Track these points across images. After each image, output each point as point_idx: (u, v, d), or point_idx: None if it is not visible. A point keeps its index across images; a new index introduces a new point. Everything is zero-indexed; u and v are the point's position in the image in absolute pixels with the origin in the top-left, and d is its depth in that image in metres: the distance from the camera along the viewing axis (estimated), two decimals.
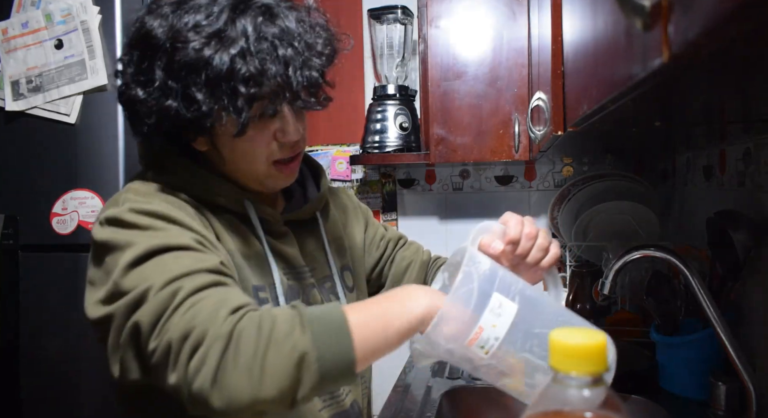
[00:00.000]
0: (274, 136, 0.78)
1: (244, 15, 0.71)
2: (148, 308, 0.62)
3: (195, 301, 0.62)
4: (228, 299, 0.63)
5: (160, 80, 0.72)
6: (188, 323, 0.60)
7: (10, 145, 1.58)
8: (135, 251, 0.66)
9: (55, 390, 1.53)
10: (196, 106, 0.71)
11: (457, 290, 0.63)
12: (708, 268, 1.21)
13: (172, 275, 0.64)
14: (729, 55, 0.38)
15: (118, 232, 0.70)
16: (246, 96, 0.70)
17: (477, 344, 0.62)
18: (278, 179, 0.83)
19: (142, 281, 0.65)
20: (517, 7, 1.69)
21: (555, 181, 2.01)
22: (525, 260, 0.78)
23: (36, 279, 1.55)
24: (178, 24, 0.71)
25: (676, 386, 1.20)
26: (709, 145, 1.31)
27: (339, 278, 0.93)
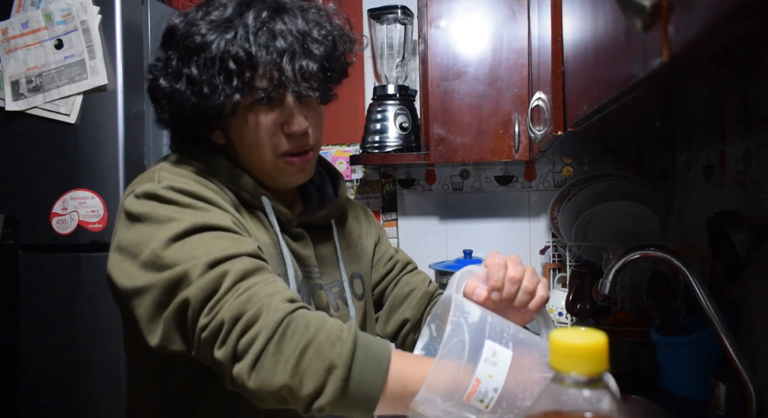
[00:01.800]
0: (280, 128, 0.81)
1: (251, 8, 0.76)
2: (198, 287, 0.66)
3: (248, 285, 0.66)
4: (280, 288, 0.67)
5: (174, 67, 0.78)
6: (243, 305, 0.64)
7: (10, 145, 1.58)
8: (178, 226, 0.69)
9: (55, 390, 1.53)
10: (197, 87, 0.76)
11: (447, 343, 0.60)
12: (708, 268, 1.21)
13: (215, 257, 0.67)
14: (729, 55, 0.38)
15: (157, 206, 0.72)
16: (238, 76, 0.74)
17: (476, 397, 0.59)
18: (289, 174, 0.85)
19: (184, 256, 0.67)
20: (517, 7, 1.69)
21: (555, 181, 2.01)
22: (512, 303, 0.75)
23: (36, 279, 1.55)
24: (195, 18, 0.78)
25: (676, 386, 1.20)
26: (709, 145, 1.31)
27: (348, 285, 0.94)
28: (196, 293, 0.66)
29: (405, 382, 0.62)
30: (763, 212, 1.06)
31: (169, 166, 0.81)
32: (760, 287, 1.07)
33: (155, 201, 0.73)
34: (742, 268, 1.09)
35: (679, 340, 1.19)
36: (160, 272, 0.68)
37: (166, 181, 0.75)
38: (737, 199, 1.19)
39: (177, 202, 0.73)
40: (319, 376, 0.61)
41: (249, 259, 0.69)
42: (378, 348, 0.64)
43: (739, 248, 1.08)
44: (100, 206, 1.50)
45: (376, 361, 0.62)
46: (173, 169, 0.80)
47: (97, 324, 1.49)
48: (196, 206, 0.73)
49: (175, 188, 0.74)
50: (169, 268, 0.68)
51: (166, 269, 0.68)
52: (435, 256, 2.03)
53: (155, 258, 0.69)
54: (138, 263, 0.70)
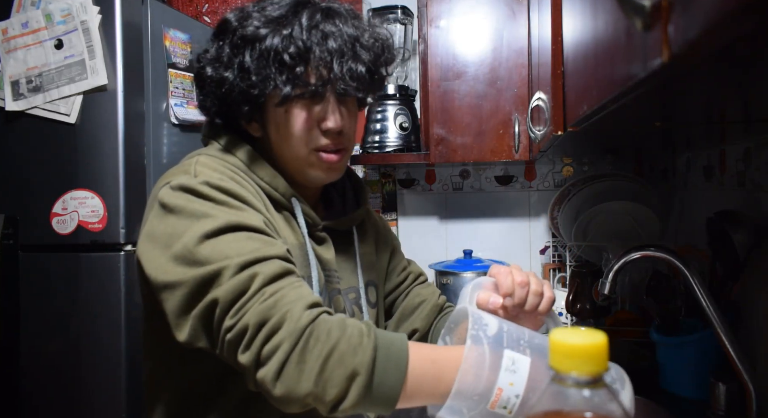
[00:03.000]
0: (317, 123, 0.84)
1: (305, 9, 0.81)
2: (228, 288, 0.67)
3: (274, 290, 0.67)
4: (304, 294, 0.68)
5: (225, 56, 0.82)
6: (267, 311, 0.65)
7: (10, 145, 1.58)
8: (212, 223, 0.71)
9: (55, 390, 1.53)
10: (248, 76, 0.80)
11: (469, 356, 0.63)
12: (708, 268, 1.21)
13: (247, 258, 0.68)
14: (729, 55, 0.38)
15: (193, 200, 0.74)
16: (290, 69, 0.78)
17: (499, 405, 0.62)
18: (320, 170, 0.87)
19: (217, 255, 0.69)
20: (517, 7, 1.69)
21: (555, 181, 2.01)
22: (523, 308, 0.79)
23: (36, 279, 1.55)
24: (249, 12, 0.83)
25: (676, 386, 1.20)
26: (709, 145, 1.31)
27: (364, 292, 0.96)
28: (225, 294, 0.67)
29: (421, 381, 0.65)
30: (763, 212, 1.06)
31: (206, 159, 0.82)
32: (760, 287, 1.07)
33: (191, 195, 0.74)
34: (742, 268, 1.09)
35: (679, 340, 1.19)
36: (193, 268, 0.69)
37: (202, 176, 0.77)
38: (737, 200, 1.19)
39: (212, 198, 0.74)
40: (342, 383, 0.62)
41: (278, 262, 0.70)
42: (397, 349, 0.65)
43: (739, 248, 1.08)
44: (100, 206, 1.50)
45: (396, 363, 0.64)
46: (209, 163, 0.81)
47: (97, 324, 1.49)
48: (230, 204, 0.74)
49: (211, 184, 0.75)
50: (201, 265, 0.69)
51: (198, 266, 0.69)
52: (435, 256, 2.03)
53: (188, 253, 0.70)
54: (169, 255, 0.71)
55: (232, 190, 0.76)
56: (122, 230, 1.48)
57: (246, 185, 0.81)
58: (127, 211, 1.49)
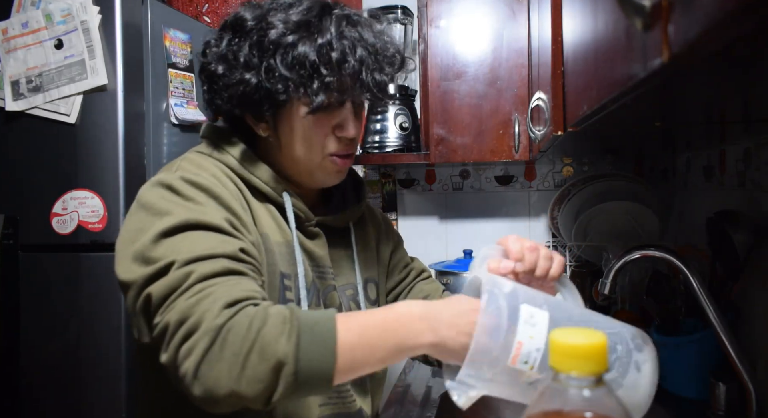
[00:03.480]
0: (332, 130, 0.85)
1: (329, 16, 0.82)
2: (162, 284, 0.67)
3: (202, 287, 0.65)
4: (232, 291, 0.65)
5: (245, 57, 0.81)
6: (188, 310, 0.63)
7: (10, 145, 1.58)
8: (171, 221, 0.71)
9: (55, 390, 1.53)
10: (276, 80, 0.79)
11: (486, 311, 0.61)
12: (708, 268, 1.21)
13: (191, 255, 0.68)
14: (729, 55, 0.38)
15: (162, 197, 0.75)
16: (324, 79, 0.79)
17: (520, 360, 0.60)
18: (330, 173, 0.89)
19: (168, 253, 0.69)
20: (517, 7, 1.69)
21: (555, 181, 2.01)
22: (534, 274, 0.76)
23: (36, 279, 1.55)
24: (269, 13, 0.82)
25: (676, 386, 1.20)
26: (709, 145, 1.31)
27: (362, 289, 0.95)
28: (157, 290, 0.66)
29: (356, 352, 0.63)
30: (763, 212, 1.06)
31: (194, 156, 0.84)
32: (760, 286, 1.07)
33: (163, 189, 0.75)
34: (742, 268, 1.09)
35: (679, 340, 1.19)
36: (145, 267, 0.69)
37: (180, 171, 0.78)
38: (737, 199, 1.19)
39: (181, 193, 0.74)
40: (267, 376, 0.60)
41: (222, 260, 0.68)
42: (323, 328, 0.63)
43: (739, 248, 1.08)
44: (100, 206, 1.50)
45: (323, 343, 0.62)
46: (195, 159, 0.83)
47: (97, 324, 1.49)
48: (196, 200, 0.74)
49: (185, 178, 0.76)
50: (153, 263, 0.68)
51: (149, 264, 0.69)
52: (435, 256, 2.03)
53: (144, 251, 0.70)
54: (130, 253, 0.71)
55: (202, 184, 0.76)
56: None
57: (226, 182, 0.81)
58: (127, 211, 1.49)
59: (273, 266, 0.81)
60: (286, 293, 0.82)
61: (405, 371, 1.45)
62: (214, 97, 0.86)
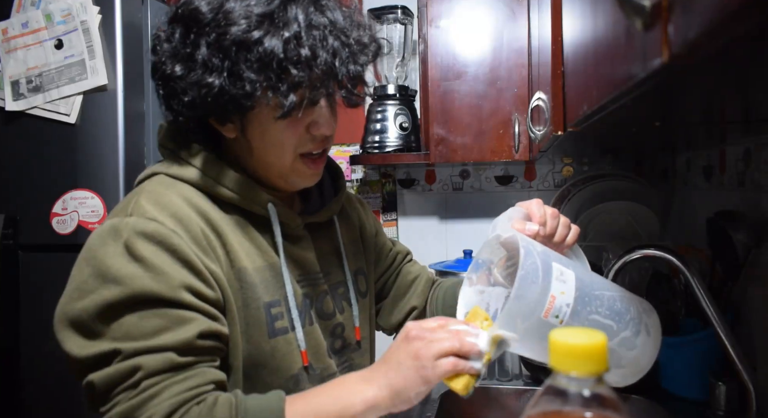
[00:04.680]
0: (306, 128, 0.78)
1: (295, 3, 0.72)
2: (105, 375, 0.65)
3: (147, 385, 0.64)
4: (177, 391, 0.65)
5: (203, 57, 0.71)
6: (132, 411, 0.63)
7: (10, 145, 1.58)
8: (116, 293, 0.66)
9: (55, 390, 1.53)
10: (242, 83, 0.70)
11: (524, 265, 0.63)
12: (708, 268, 1.21)
13: (137, 346, 0.65)
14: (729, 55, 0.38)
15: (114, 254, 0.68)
16: (295, 78, 0.70)
17: (552, 313, 0.63)
18: (303, 176, 0.82)
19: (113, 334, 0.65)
20: (517, 7, 1.69)
21: (555, 181, 2.01)
22: (552, 239, 0.79)
23: (36, 279, 1.55)
24: (227, 4, 0.71)
25: (676, 386, 1.20)
26: (709, 145, 1.31)
27: (352, 283, 0.93)
28: (101, 381, 0.65)
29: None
30: (763, 212, 1.06)
31: (153, 185, 0.76)
32: (760, 287, 1.07)
33: (114, 244, 0.68)
34: (742, 268, 1.09)
35: (679, 340, 1.19)
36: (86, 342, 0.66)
37: (135, 216, 0.70)
38: (737, 200, 1.19)
39: (133, 252, 0.67)
40: None
41: (171, 355, 0.66)
42: None
43: (739, 248, 1.08)
44: (100, 206, 1.50)
45: None
46: (154, 191, 0.74)
47: None
48: (150, 263, 0.67)
49: (140, 231, 0.68)
50: (96, 340, 0.66)
51: (92, 340, 0.66)
52: (435, 256, 2.02)
53: (86, 321, 0.66)
54: (70, 317, 0.68)
55: (159, 237, 0.68)
56: None
57: (190, 218, 0.72)
58: None
59: (255, 300, 0.77)
60: (276, 323, 0.79)
61: None
62: (171, 102, 0.76)
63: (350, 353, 0.92)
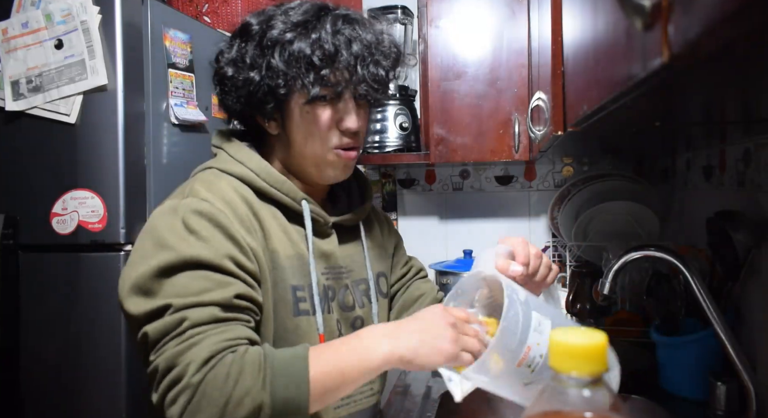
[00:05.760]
0: (336, 124, 0.88)
1: (327, 16, 0.86)
2: (157, 327, 0.73)
3: (192, 334, 0.71)
4: (216, 340, 0.71)
5: (249, 58, 0.86)
6: (175, 358, 0.70)
7: (10, 145, 1.58)
8: (170, 257, 0.75)
9: (55, 390, 1.53)
10: (275, 75, 0.83)
11: (506, 316, 0.66)
12: (708, 268, 1.21)
13: (185, 301, 0.73)
14: (729, 55, 0.38)
15: (170, 226, 0.78)
16: (318, 70, 0.82)
17: (525, 363, 0.66)
18: (337, 167, 0.91)
19: (165, 293, 0.74)
20: (517, 7, 1.69)
21: (555, 181, 2.01)
22: (533, 278, 0.84)
23: (36, 279, 1.55)
24: (273, 17, 0.87)
25: (676, 386, 1.20)
26: (709, 145, 1.31)
27: (374, 283, 1.00)
28: (153, 331, 0.73)
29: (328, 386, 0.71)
30: (763, 212, 1.06)
31: (207, 175, 0.87)
32: (760, 287, 1.07)
33: (171, 218, 0.79)
34: (742, 268, 1.09)
35: (679, 340, 1.19)
36: (144, 301, 0.74)
37: (190, 198, 0.81)
38: (737, 199, 1.19)
39: (187, 225, 0.78)
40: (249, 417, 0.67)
41: (211, 309, 0.73)
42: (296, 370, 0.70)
43: (739, 248, 1.08)
44: (100, 206, 1.50)
45: (297, 385, 0.69)
46: (208, 179, 0.86)
47: (96, 324, 1.49)
48: (200, 234, 0.77)
49: (193, 208, 0.79)
50: (152, 298, 0.74)
51: (149, 299, 0.74)
52: (435, 256, 2.02)
53: (144, 283, 0.75)
54: (132, 281, 0.76)
55: (209, 214, 0.79)
56: (122, 230, 1.48)
57: (237, 204, 0.83)
58: (127, 211, 1.49)
59: (283, 281, 0.86)
60: (300, 304, 0.87)
61: (405, 371, 1.45)
62: (225, 98, 0.91)
63: None
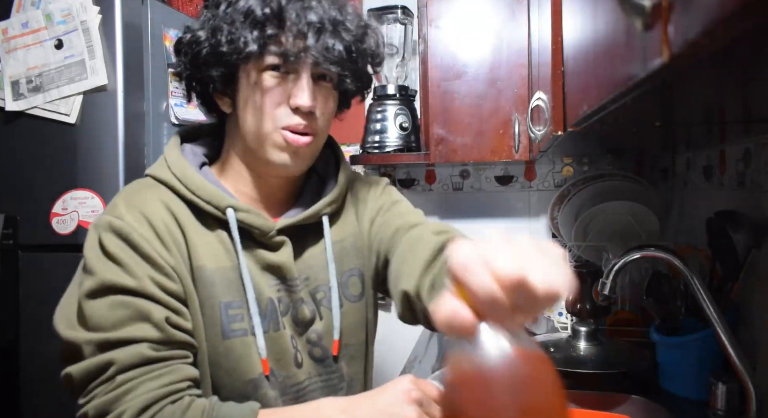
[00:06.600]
0: (287, 100, 0.80)
1: None
2: (82, 369, 0.71)
3: (123, 381, 0.69)
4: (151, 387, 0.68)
5: (203, 20, 0.81)
6: (107, 406, 0.68)
7: (10, 145, 1.58)
8: (92, 283, 0.73)
9: (55, 390, 1.53)
10: (219, 32, 0.78)
11: None
12: (708, 268, 1.21)
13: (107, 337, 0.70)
14: (729, 55, 0.38)
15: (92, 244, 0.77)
16: (262, 28, 0.76)
17: None
18: (285, 152, 0.82)
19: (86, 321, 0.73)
20: (517, 7, 1.69)
21: (555, 181, 2.01)
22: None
23: (36, 279, 1.55)
24: None
25: (676, 386, 1.20)
26: (709, 145, 1.31)
27: (337, 289, 0.89)
28: (78, 374, 0.71)
29: None
30: (763, 212, 1.06)
31: (137, 185, 0.84)
32: (760, 286, 1.07)
33: (92, 236, 0.77)
34: (742, 268, 1.09)
35: (679, 340, 1.19)
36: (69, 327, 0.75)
37: (106, 216, 0.77)
38: (737, 200, 1.19)
39: (104, 247, 0.75)
40: None
41: (139, 348, 0.70)
42: None
43: (739, 248, 1.08)
44: (100, 206, 1.50)
45: None
46: (135, 190, 0.82)
47: None
48: (116, 259, 0.74)
49: (108, 228, 0.76)
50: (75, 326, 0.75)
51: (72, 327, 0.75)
52: None
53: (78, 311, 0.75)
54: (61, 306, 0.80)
55: (123, 233, 0.75)
56: None
57: (158, 215, 0.78)
58: None
59: (211, 299, 0.79)
60: (233, 324, 0.80)
61: (405, 370, 1.45)
62: (178, 64, 0.85)
63: (331, 361, 0.89)
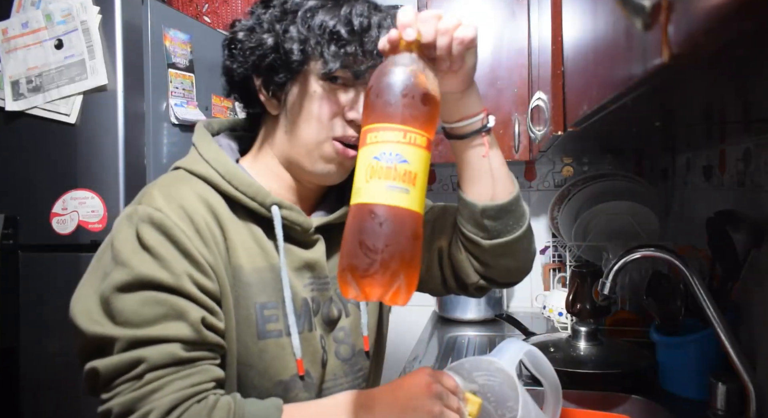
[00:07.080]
0: (342, 111, 0.78)
1: None
2: (110, 364, 0.67)
3: (151, 379, 0.66)
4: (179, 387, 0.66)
5: (267, 22, 0.78)
6: (133, 404, 0.65)
7: (10, 145, 1.58)
8: (125, 275, 0.68)
9: (55, 390, 1.53)
10: (293, 39, 0.76)
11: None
12: (708, 268, 1.21)
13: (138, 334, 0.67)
14: (729, 55, 0.38)
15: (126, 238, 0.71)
16: (344, 44, 0.75)
17: None
18: (330, 163, 0.81)
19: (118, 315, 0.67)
20: (517, 7, 1.69)
21: (555, 181, 2.01)
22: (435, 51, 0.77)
23: (36, 279, 1.55)
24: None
25: (676, 386, 1.20)
26: (709, 145, 1.31)
27: None
28: (105, 369, 0.67)
29: None
30: (763, 212, 1.06)
31: (170, 178, 0.78)
32: (760, 287, 1.07)
33: (128, 228, 0.71)
34: (742, 268, 1.09)
35: (679, 340, 1.19)
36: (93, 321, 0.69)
37: (145, 204, 0.73)
38: (737, 199, 1.19)
39: (141, 238, 0.70)
40: None
41: (171, 348, 0.67)
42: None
43: (739, 248, 1.08)
44: (100, 206, 1.50)
45: None
46: (169, 183, 0.77)
47: None
48: (153, 251, 0.69)
49: (148, 218, 0.71)
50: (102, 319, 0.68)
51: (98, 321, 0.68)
52: None
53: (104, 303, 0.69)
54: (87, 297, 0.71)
55: (163, 226, 0.70)
56: None
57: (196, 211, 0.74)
58: None
59: (246, 299, 0.77)
60: (268, 325, 0.78)
61: (405, 370, 1.45)
62: (231, 63, 0.81)
63: (360, 359, 0.89)
